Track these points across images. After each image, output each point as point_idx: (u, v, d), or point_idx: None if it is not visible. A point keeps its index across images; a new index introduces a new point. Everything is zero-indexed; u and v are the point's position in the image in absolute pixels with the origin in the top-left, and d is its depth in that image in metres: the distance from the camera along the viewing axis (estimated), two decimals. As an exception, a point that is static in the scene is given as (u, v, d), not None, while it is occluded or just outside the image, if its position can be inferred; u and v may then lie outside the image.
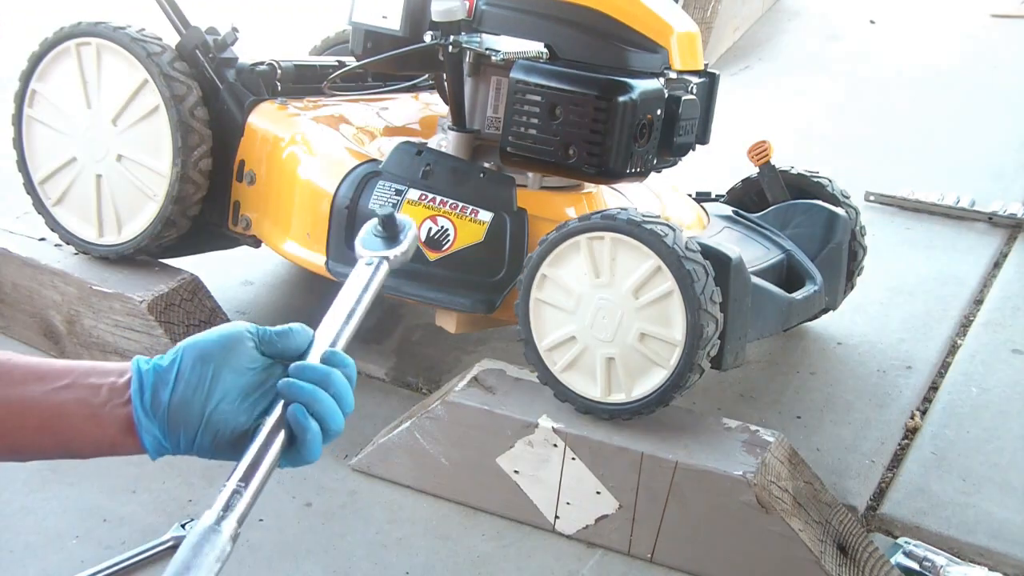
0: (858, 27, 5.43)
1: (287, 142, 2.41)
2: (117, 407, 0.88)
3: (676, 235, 1.88)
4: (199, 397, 0.88)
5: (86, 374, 0.90)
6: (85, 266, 2.56)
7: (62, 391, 0.89)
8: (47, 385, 0.89)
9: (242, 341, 0.91)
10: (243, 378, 0.90)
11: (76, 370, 0.91)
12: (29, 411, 0.88)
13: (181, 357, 0.89)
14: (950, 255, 3.17)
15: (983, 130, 4.17)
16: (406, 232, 1.01)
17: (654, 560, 1.94)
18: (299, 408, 0.88)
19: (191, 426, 0.89)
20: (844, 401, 2.42)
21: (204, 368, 0.89)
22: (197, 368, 0.89)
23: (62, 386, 0.89)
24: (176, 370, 0.89)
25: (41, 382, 0.89)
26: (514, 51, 2.12)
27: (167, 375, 0.89)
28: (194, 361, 0.89)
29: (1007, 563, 1.93)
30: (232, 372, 0.90)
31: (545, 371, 2.02)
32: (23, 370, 0.90)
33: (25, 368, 0.90)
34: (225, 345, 0.90)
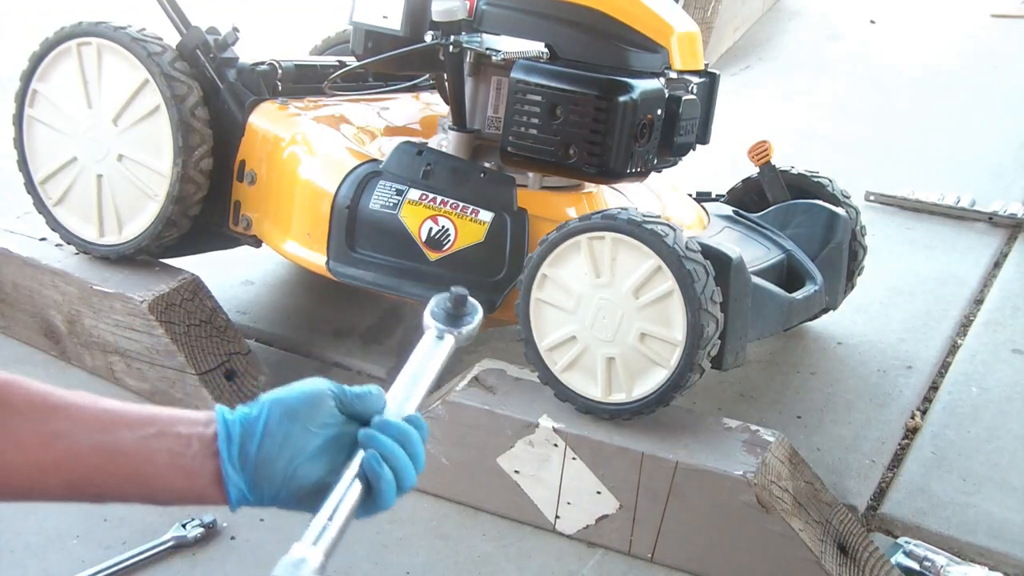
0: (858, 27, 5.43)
1: (288, 142, 2.42)
2: (206, 459, 0.90)
3: (676, 235, 1.88)
4: (285, 453, 0.91)
5: (172, 423, 0.91)
6: (86, 266, 2.56)
7: (152, 440, 0.90)
8: (136, 432, 0.89)
9: (324, 399, 0.94)
10: (324, 433, 0.93)
11: (162, 418, 0.91)
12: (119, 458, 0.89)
13: (267, 412, 0.91)
14: (950, 255, 3.17)
15: (983, 130, 4.17)
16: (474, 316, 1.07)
17: (654, 560, 1.94)
18: (375, 456, 0.92)
19: (276, 480, 0.91)
20: (844, 401, 2.42)
21: (290, 424, 0.91)
22: (283, 424, 0.91)
23: (151, 434, 0.90)
24: (262, 424, 0.91)
25: (130, 429, 0.89)
26: (514, 51, 2.12)
27: (253, 428, 0.91)
28: (280, 417, 0.91)
29: (1007, 563, 1.93)
30: (315, 428, 0.92)
31: (545, 371, 2.02)
32: (110, 415, 0.90)
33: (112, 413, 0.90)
34: (309, 402, 0.93)
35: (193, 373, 2.36)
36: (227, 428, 0.90)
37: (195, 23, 2.51)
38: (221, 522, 2.04)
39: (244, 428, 0.91)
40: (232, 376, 2.42)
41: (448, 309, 1.06)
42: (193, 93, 2.41)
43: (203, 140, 2.42)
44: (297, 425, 0.91)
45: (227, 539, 2.01)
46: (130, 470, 0.89)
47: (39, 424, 0.87)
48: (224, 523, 2.04)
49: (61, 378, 2.55)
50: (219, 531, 2.02)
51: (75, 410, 0.89)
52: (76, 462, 0.88)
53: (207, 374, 2.37)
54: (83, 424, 0.88)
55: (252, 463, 0.90)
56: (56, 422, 0.88)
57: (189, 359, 2.37)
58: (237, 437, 0.90)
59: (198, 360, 2.38)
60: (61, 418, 0.88)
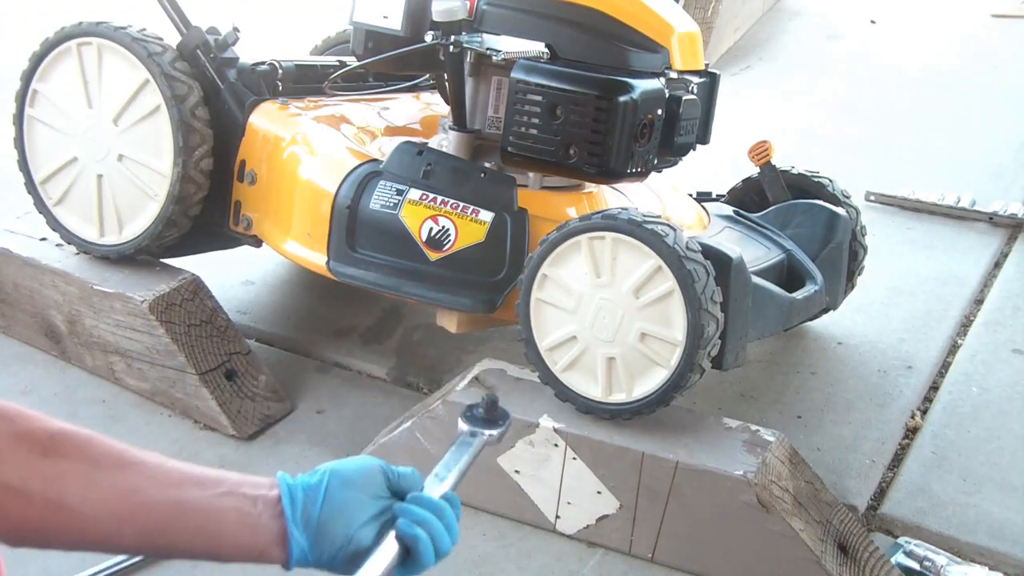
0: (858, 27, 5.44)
1: (288, 142, 2.42)
2: (271, 519, 0.97)
3: (677, 235, 1.88)
4: (344, 518, 1.00)
5: (239, 484, 0.98)
6: (86, 266, 2.56)
7: (221, 498, 0.96)
8: (206, 491, 0.96)
9: (376, 473, 1.05)
10: (376, 504, 1.03)
11: (230, 479, 0.99)
12: (191, 514, 0.95)
13: (328, 479, 1.00)
14: (950, 255, 3.18)
15: (983, 130, 4.17)
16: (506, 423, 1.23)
17: (655, 560, 1.94)
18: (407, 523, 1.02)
19: (336, 543, 0.99)
20: (845, 401, 2.42)
21: (348, 492, 1.01)
22: (343, 491, 1.00)
23: (220, 493, 0.96)
24: (324, 490, 0.99)
25: (200, 487, 0.96)
26: (515, 51, 2.12)
27: (315, 493, 0.99)
28: (339, 485, 1.00)
29: (1007, 563, 1.94)
30: (370, 498, 1.02)
31: (546, 371, 2.02)
32: (181, 473, 0.97)
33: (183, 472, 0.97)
34: (364, 474, 1.03)
35: (193, 373, 2.36)
36: (290, 491, 0.98)
37: (195, 23, 2.51)
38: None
39: (306, 493, 0.99)
40: (232, 376, 2.42)
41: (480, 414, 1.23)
42: (193, 93, 2.41)
43: (203, 140, 2.42)
44: (354, 493, 1.01)
45: (227, 539, 2.01)
46: (200, 525, 0.95)
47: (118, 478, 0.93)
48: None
49: (61, 378, 2.55)
50: (219, 531, 2.02)
51: (149, 467, 0.96)
52: (150, 515, 0.93)
53: (207, 374, 2.37)
54: (156, 480, 0.95)
55: (314, 525, 0.98)
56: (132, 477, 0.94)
57: (189, 359, 2.37)
58: (300, 500, 0.98)
59: (198, 360, 2.38)
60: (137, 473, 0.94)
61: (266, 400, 2.44)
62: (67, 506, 0.91)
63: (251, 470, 2.23)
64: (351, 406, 2.49)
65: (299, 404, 2.49)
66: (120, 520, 0.93)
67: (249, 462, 2.26)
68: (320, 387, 2.57)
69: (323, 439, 2.35)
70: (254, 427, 2.37)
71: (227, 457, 2.27)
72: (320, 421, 2.43)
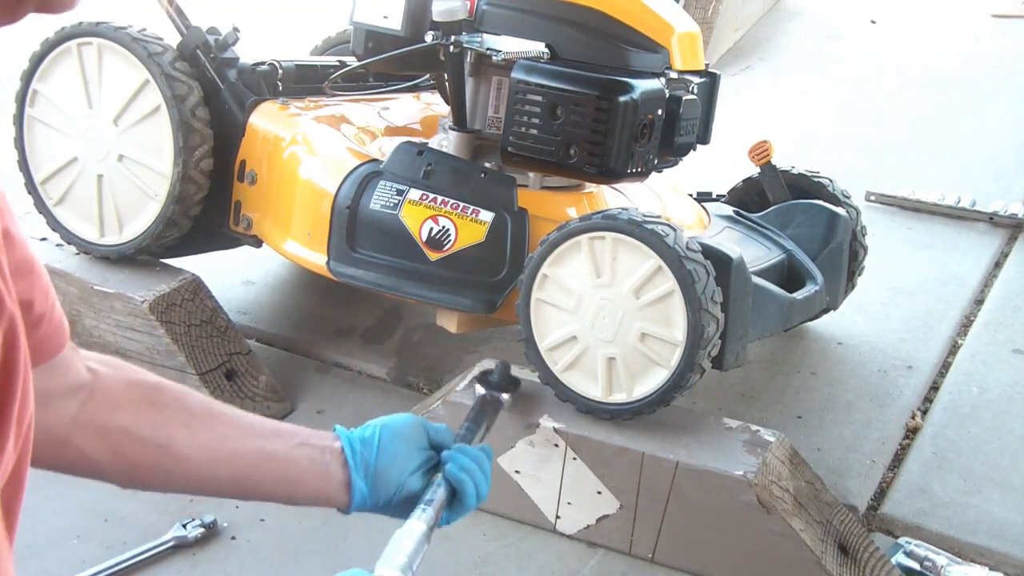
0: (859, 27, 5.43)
1: (288, 142, 2.42)
2: (338, 467, 1.09)
3: (677, 235, 1.88)
4: (396, 466, 1.13)
5: (309, 436, 1.10)
6: (86, 266, 2.56)
7: (298, 448, 1.08)
8: (286, 442, 1.07)
9: (420, 427, 1.18)
10: (421, 455, 1.17)
11: (302, 432, 1.10)
12: (274, 462, 1.06)
13: (380, 432, 1.13)
14: (951, 255, 3.17)
15: (983, 130, 4.17)
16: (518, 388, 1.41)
17: (655, 560, 1.94)
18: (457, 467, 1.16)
19: (391, 488, 1.12)
20: (845, 401, 2.42)
21: (399, 443, 1.14)
22: (394, 443, 1.13)
23: (297, 444, 1.08)
24: (377, 441, 1.12)
25: (280, 438, 1.07)
26: (515, 51, 2.12)
27: (370, 445, 1.12)
28: (391, 437, 1.13)
29: (1008, 563, 1.93)
30: (416, 450, 1.16)
31: (546, 371, 2.02)
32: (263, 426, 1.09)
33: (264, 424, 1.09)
34: (411, 427, 1.16)
35: (193, 373, 2.36)
36: (350, 442, 1.11)
37: (195, 23, 2.51)
38: (222, 522, 2.04)
39: (363, 443, 1.11)
40: (232, 376, 2.42)
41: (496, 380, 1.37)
42: (193, 93, 2.41)
43: (203, 140, 2.42)
44: (404, 444, 1.14)
45: (227, 539, 2.01)
46: (282, 472, 1.06)
47: (213, 427, 1.03)
48: (224, 523, 2.04)
49: (61, 378, 2.55)
50: (219, 531, 2.02)
51: (236, 418, 1.06)
52: (241, 460, 1.04)
53: (208, 374, 2.37)
54: (244, 430, 1.06)
55: (372, 472, 1.10)
56: (223, 427, 1.04)
57: (189, 359, 2.37)
58: (359, 450, 1.10)
59: (199, 360, 2.38)
60: (226, 424, 1.05)
61: (266, 400, 2.44)
62: (174, 450, 0.99)
63: (251, 470, 2.23)
64: (351, 406, 2.49)
65: (299, 404, 2.49)
66: (215, 464, 1.02)
67: (249, 462, 2.26)
68: (320, 387, 2.57)
69: (323, 439, 2.35)
70: (254, 427, 2.37)
71: (227, 457, 2.27)
72: (320, 421, 2.43)
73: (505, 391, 1.40)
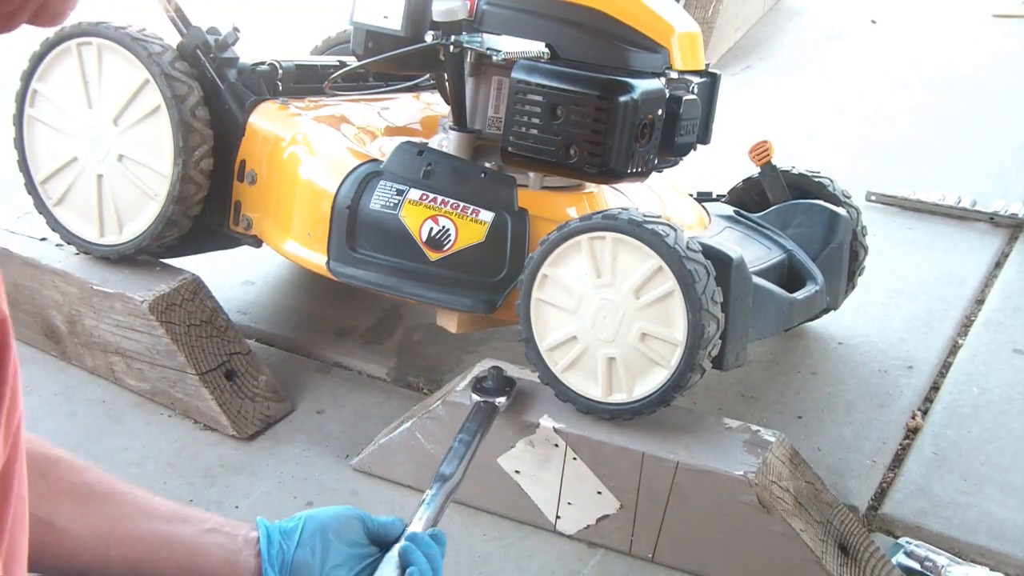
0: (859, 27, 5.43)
1: (288, 142, 2.42)
2: (250, 557, 1.03)
3: (677, 235, 1.88)
4: (316, 561, 1.06)
5: (222, 524, 1.05)
6: (86, 266, 2.56)
7: (206, 535, 1.02)
8: (193, 527, 1.02)
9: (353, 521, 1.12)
10: (351, 551, 1.10)
11: (213, 518, 1.05)
12: (177, 546, 1.00)
13: (304, 524, 1.07)
14: (951, 255, 3.17)
15: (984, 130, 4.17)
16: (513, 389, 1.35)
17: (655, 560, 1.94)
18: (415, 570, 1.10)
19: None
20: (845, 401, 2.42)
21: (323, 537, 1.07)
22: (316, 536, 1.07)
23: (206, 529, 1.03)
24: (299, 534, 1.06)
25: (186, 523, 1.02)
26: (515, 51, 2.12)
27: (291, 537, 1.06)
28: (314, 530, 1.07)
29: (1008, 563, 1.93)
30: (343, 544, 1.09)
31: (546, 371, 2.02)
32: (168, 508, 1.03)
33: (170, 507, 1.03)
34: (340, 521, 1.10)
35: (193, 373, 2.36)
36: (268, 533, 1.05)
37: (195, 23, 2.51)
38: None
39: (283, 535, 1.06)
40: (232, 376, 2.42)
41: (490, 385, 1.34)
42: (193, 93, 2.40)
43: (203, 140, 2.42)
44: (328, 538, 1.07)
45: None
46: (185, 558, 1.00)
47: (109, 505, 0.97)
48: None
49: (61, 378, 2.55)
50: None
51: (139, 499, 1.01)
52: (137, 543, 0.98)
53: (207, 374, 2.37)
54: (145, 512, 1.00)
55: (288, 566, 1.04)
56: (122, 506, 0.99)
57: (189, 359, 2.37)
58: (276, 542, 1.05)
59: (198, 360, 2.38)
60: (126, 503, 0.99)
61: (266, 400, 2.43)
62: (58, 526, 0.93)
63: (251, 470, 2.23)
64: (351, 406, 2.49)
65: (299, 404, 2.49)
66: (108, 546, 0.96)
67: (249, 462, 2.26)
68: (320, 387, 2.57)
69: (323, 439, 2.35)
70: (254, 427, 2.37)
71: (227, 457, 2.27)
72: (320, 421, 2.43)
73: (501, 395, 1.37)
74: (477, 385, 1.31)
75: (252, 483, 2.18)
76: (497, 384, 1.33)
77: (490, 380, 1.35)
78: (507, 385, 1.30)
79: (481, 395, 1.32)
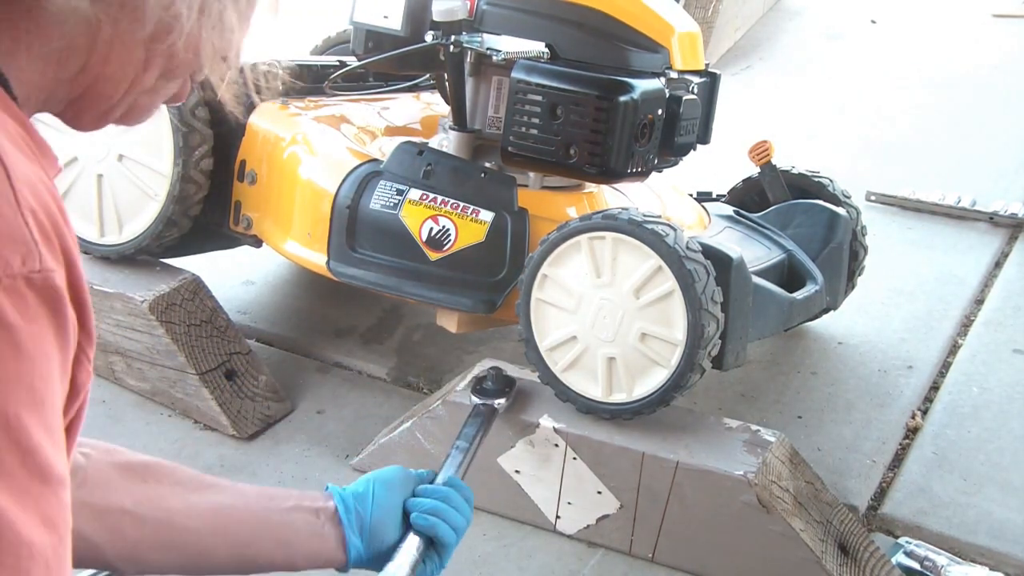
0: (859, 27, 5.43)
1: (288, 142, 2.42)
2: (333, 526, 1.08)
3: (677, 235, 1.88)
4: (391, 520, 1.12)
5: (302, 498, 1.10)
6: (86, 266, 2.52)
7: (292, 512, 1.07)
8: (279, 505, 1.07)
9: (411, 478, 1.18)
10: None
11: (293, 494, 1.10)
12: (271, 527, 1.05)
13: (374, 488, 1.13)
14: (951, 255, 3.17)
15: (983, 130, 4.17)
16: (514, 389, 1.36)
17: (655, 560, 1.94)
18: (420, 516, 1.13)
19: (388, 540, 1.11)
20: (845, 401, 2.42)
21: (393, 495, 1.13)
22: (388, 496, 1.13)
23: (291, 507, 1.07)
24: (372, 496, 1.12)
25: (272, 501, 1.07)
26: (515, 51, 2.12)
27: (364, 500, 1.11)
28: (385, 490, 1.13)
29: (1008, 563, 1.93)
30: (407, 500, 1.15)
31: (546, 371, 2.02)
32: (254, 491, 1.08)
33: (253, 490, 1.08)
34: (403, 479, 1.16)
35: (193, 373, 2.36)
36: (343, 500, 1.10)
37: (195, 23, 2.50)
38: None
39: (357, 499, 1.11)
40: (232, 376, 2.42)
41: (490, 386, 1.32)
42: (194, 93, 2.40)
43: (203, 140, 2.42)
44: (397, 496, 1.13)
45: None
46: (280, 536, 1.05)
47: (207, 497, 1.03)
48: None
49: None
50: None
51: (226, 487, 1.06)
52: (239, 528, 1.04)
53: (207, 374, 2.37)
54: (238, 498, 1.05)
55: (368, 528, 1.10)
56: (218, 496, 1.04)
57: (189, 359, 2.37)
58: (352, 507, 1.10)
59: (198, 360, 2.38)
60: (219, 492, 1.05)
61: (266, 400, 2.44)
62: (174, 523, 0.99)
63: (251, 470, 2.23)
64: (351, 406, 2.49)
65: (299, 404, 2.49)
66: (215, 533, 1.02)
67: (249, 462, 2.26)
68: (320, 387, 2.57)
69: (323, 439, 2.35)
70: (254, 427, 2.37)
71: (227, 457, 2.27)
72: (320, 421, 2.43)
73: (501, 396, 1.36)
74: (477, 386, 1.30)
75: (252, 483, 2.17)
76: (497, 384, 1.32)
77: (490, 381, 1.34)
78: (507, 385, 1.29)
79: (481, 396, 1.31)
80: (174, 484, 1.02)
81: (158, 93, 0.73)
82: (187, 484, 1.03)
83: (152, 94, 0.72)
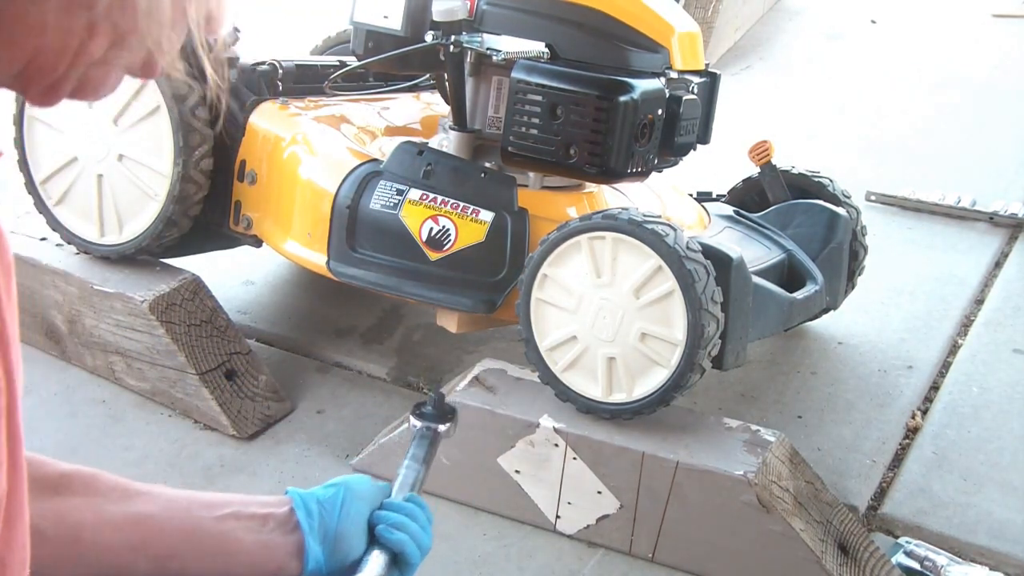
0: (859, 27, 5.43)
1: (288, 142, 2.42)
2: (285, 534, 0.98)
3: (677, 235, 1.88)
4: (359, 530, 1.02)
5: (246, 504, 0.99)
6: (86, 266, 2.56)
7: (230, 520, 0.97)
8: (213, 512, 0.97)
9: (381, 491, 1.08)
10: None
11: (235, 500, 1.00)
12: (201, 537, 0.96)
13: (343, 494, 1.03)
14: (951, 255, 3.17)
15: (983, 130, 4.17)
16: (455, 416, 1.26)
17: (655, 560, 1.94)
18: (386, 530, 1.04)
19: (350, 554, 1.01)
20: (845, 401, 2.42)
21: (363, 505, 1.03)
22: (358, 504, 1.03)
23: (228, 514, 0.98)
24: (341, 502, 1.01)
25: (208, 509, 0.97)
26: (515, 51, 2.12)
27: (331, 506, 1.01)
28: (355, 498, 1.03)
29: (1008, 563, 1.93)
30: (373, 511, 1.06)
31: (546, 371, 2.02)
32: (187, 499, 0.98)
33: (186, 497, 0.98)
34: (373, 488, 1.07)
35: (193, 373, 2.36)
36: (305, 504, 1.00)
37: (195, 23, 2.50)
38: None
39: (321, 504, 1.01)
40: (232, 376, 2.42)
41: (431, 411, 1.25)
42: (193, 93, 2.40)
43: (203, 140, 2.42)
44: (364, 506, 1.03)
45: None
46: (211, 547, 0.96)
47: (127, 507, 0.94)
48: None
49: (61, 378, 2.55)
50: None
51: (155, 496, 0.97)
52: (162, 540, 0.94)
53: (207, 374, 2.37)
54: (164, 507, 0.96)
55: (332, 537, 0.99)
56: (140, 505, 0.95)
57: (189, 359, 2.37)
58: (316, 513, 1.00)
59: (198, 360, 2.38)
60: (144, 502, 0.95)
61: (266, 400, 2.43)
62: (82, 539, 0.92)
63: (251, 470, 2.23)
64: (351, 406, 2.49)
65: (299, 404, 2.49)
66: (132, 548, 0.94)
67: (249, 462, 2.26)
68: (320, 387, 2.57)
69: (323, 439, 2.35)
70: (254, 427, 2.37)
71: (227, 457, 2.27)
72: (320, 421, 2.43)
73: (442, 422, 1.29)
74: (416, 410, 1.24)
75: (252, 483, 2.18)
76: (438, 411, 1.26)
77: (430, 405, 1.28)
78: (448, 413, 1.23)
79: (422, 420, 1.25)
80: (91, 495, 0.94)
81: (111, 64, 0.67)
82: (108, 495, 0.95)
83: (104, 65, 0.66)
